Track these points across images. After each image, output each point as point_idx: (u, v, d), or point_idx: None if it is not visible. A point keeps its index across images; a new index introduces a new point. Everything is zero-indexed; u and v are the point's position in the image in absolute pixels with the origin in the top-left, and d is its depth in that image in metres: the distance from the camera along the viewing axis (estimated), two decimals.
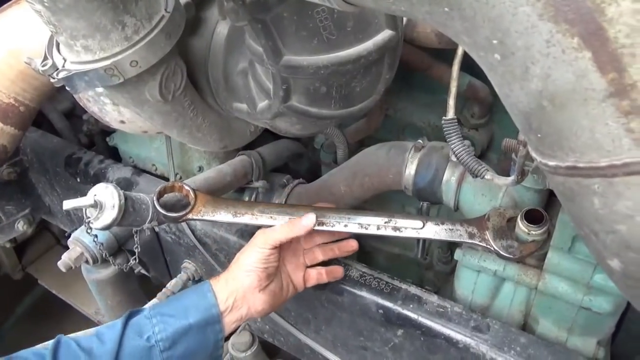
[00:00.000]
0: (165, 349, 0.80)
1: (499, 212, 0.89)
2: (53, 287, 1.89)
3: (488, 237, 0.87)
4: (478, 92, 1.14)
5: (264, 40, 0.70)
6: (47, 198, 1.54)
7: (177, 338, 0.81)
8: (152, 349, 0.79)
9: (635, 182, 0.38)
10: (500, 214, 0.89)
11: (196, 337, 0.82)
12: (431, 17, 0.42)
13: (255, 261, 0.87)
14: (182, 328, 0.81)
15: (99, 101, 1.01)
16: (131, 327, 0.81)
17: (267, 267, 0.88)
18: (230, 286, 0.87)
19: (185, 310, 0.83)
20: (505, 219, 0.88)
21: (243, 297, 0.87)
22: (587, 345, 0.95)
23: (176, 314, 0.83)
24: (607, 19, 0.34)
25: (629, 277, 0.44)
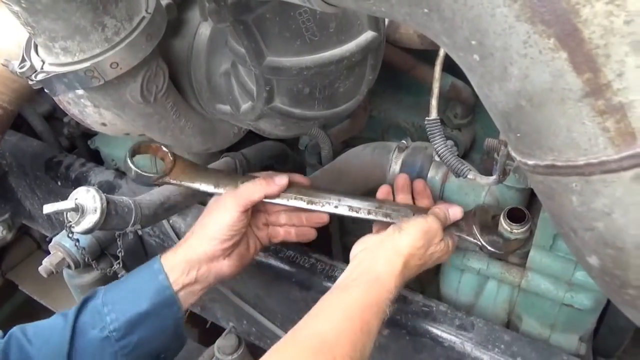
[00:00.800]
0: (121, 338, 0.76)
1: (484, 209, 0.90)
2: (34, 293, 1.86)
3: (475, 232, 0.87)
4: (461, 93, 1.16)
5: (247, 42, 0.70)
6: (27, 202, 1.51)
7: (131, 326, 0.77)
8: (106, 339, 0.76)
9: (611, 180, 0.38)
10: (486, 210, 0.90)
11: (153, 323, 0.78)
12: (411, 18, 0.43)
13: (222, 227, 0.81)
14: (136, 315, 0.77)
15: (80, 103, 1.00)
16: (85, 317, 0.77)
17: (234, 234, 0.82)
18: (191, 257, 0.81)
19: (137, 294, 0.78)
20: (490, 215, 0.89)
21: (208, 268, 0.82)
22: (569, 341, 0.96)
23: (128, 299, 0.78)
24: (582, 20, 0.35)
25: (607, 273, 0.45)
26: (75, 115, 1.07)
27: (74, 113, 1.06)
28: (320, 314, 0.67)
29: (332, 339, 0.63)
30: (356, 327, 0.65)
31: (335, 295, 0.71)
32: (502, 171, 0.73)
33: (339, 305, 0.68)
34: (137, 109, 0.81)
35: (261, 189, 0.84)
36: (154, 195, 0.95)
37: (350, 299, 0.69)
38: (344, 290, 0.71)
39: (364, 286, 0.71)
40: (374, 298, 0.69)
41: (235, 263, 0.85)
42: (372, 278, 0.72)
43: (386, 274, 0.73)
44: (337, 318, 0.66)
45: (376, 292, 0.70)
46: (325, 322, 0.66)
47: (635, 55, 0.35)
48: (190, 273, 0.81)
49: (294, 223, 0.92)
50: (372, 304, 0.69)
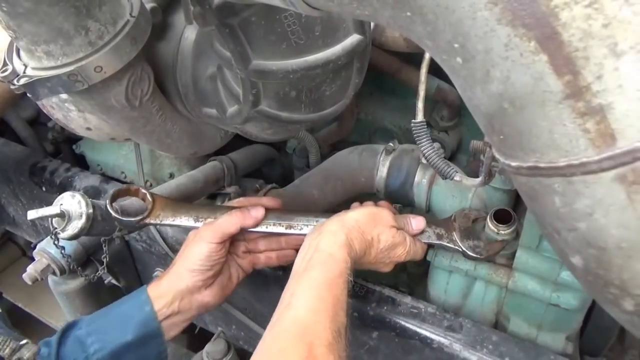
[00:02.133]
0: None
1: (464, 214, 0.91)
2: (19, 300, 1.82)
3: (455, 238, 0.88)
4: (447, 95, 1.17)
5: (232, 45, 0.70)
6: (11, 209, 1.49)
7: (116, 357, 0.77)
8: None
9: (592, 180, 0.39)
10: (466, 215, 0.90)
11: (136, 354, 0.78)
12: (394, 21, 0.43)
13: (201, 258, 0.82)
14: (120, 346, 0.77)
15: (64, 108, 0.99)
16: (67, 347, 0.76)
17: (214, 265, 0.83)
18: (173, 288, 0.82)
19: (123, 324, 0.79)
20: (471, 220, 0.90)
21: (189, 299, 0.82)
22: (556, 340, 0.97)
23: (114, 329, 0.78)
24: (561, 23, 0.35)
25: (590, 273, 0.46)
26: (60, 119, 1.05)
27: (58, 117, 1.05)
28: (292, 302, 0.67)
29: (310, 321, 0.64)
30: (328, 303, 0.66)
31: (297, 280, 0.71)
32: (487, 173, 0.74)
33: (305, 288, 0.69)
34: (122, 113, 0.81)
35: (237, 221, 0.84)
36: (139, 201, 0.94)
37: (314, 280, 0.70)
38: (305, 273, 0.71)
39: (321, 264, 0.72)
40: (334, 272, 0.70)
41: (218, 293, 0.86)
42: (326, 255, 0.73)
43: (337, 248, 0.74)
44: (308, 300, 0.67)
45: (333, 266, 0.71)
46: (299, 308, 0.66)
47: (614, 57, 0.35)
48: (173, 304, 0.81)
49: (273, 248, 0.93)
50: (335, 277, 0.70)
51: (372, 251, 0.81)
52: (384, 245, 0.82)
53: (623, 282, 0.44)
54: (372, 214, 0.83)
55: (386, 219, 0.84)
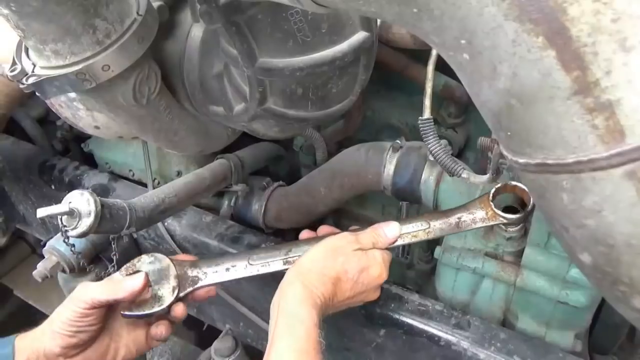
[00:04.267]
0: None
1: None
2: (29, 297, 1.85)
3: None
4: (454, 92, 1.16)
5: (239, 43, 0.70)
6: (21, 206, 1.51)
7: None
8: None
9: (601, 177, 0.39)
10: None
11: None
12: (401, 18, 0.43)
13: (65, 321, 0.72)
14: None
15: (72, 106, 1.00)
16: None
17: (79, 332, 0.73)
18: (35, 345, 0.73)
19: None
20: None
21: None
22: (565, 338, 0.96)
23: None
24: (570, 18, 0.35)
25: (599, 270, 0.45)
26: (68, 118, 1.06)
27: (67, 116, 1.05)
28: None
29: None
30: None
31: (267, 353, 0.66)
32: (495, 170, 0.73)
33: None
34: (129, 111, 0.81)
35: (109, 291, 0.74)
36: (148, 198, 0.95)
37: (284, 352, 0.64)
38: (273, 344, 0.66)
39: (287, 332, 0.66)
40: (301, 338, 0.65)
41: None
42: (289, 320, 0.68)
43: (297, 305, 0.68)
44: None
45: (299, 330, 0.66)
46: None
47: (623, 52, 0.35)
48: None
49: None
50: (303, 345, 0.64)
51: (343, 285, 0.74)
52: (353, 273, 0.74)
53: (632, 279, 0.43)
54: (327, 247, 0.76)
55: (345, 246, 0.76)
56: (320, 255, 0.75)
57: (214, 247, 1.12)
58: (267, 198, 1.19)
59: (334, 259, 0.75)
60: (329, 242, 0.78)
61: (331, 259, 0.75)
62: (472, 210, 0.86)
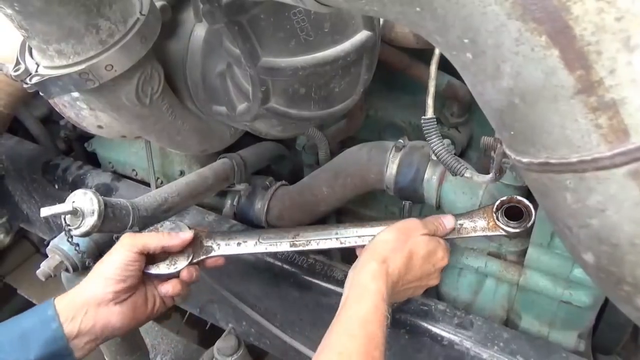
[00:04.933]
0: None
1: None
2: (33, 296, 1.85)
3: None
4: (457, 91, 1.16)
5: (241, 42, 0.70)
6: (24, 206, 1.51)
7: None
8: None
9: (604, 176, 0.39)
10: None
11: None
12: (404, 17, 0.43)
13: (117, 266, 0.77)
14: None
15: (75, 106, 1.00)
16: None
17: (129, 276, 0.78)
18: (79, 299, 0.75)
19: (27, 341, 0.70)
20: None
21: (94, 313, 0.74)
22: (568, 338, 0.96)
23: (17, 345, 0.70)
24: (573, 17, 0.35)
25: (602, 270, 0.45)
26: (72, 118, 1.06)
27: (70, 116, 1.06)
28: (328, 344, 0.66)
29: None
30: (361, 343, 0.65)
31: (336, 321, 0.70)
32: (498, 169, 0.73)
33: (341, 329, 0.68)
34: (132, 111, 0.81)
35: (160, 239, 0.82)
36: (151, 197, 0.95)
37: (349, 319, 0.68)
38: (341, 311, 0.71)
39: (355, 301, 0.71)
40: (368, 308, 0.69)
41: (128, 314, 0.78)
42: (360, 290, 0.72)
43: (369, 279, 0.72)
44: (343, 342, 0.66)
45: (367, 301, 0.70)
46: (334, 350, 0.65)
47: (627, 51, 0.35)
48: (75, 319, 0.73)
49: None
50: (369, 314, 0.68)
51: (413, 264, 0.78)
52: (421, 253, 0.79)
53: (636, 279, 0.43)
54: (399, 229, 0.81)
55: (415, 229, 0.81)
56: (393, 235, 0.80)
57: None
58: (269, 197, 1.19)
59: (405, 238, 0.79)
60: (399, 225, 0.83)
61: (402, 238, 0.79)
62: (474, 218, 0.88)
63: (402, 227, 0.82)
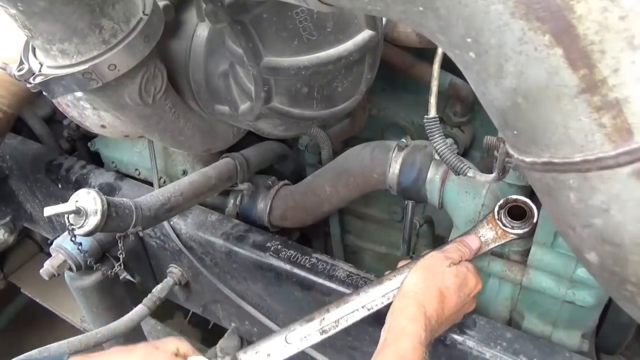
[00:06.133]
0: None
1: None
2: (37, 295, 1.86)
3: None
4: (460, 91, 1.15)
5: (244, 42, 0.70)
6: (28, 205, 1.52)
7: None
8: None
9: (608, 176, 0.38)
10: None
11: None
12: (406, 16, 0.43)
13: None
14: None
15: (79, 106, 1.00)
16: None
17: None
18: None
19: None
20: None
21: None
22: (571, 338, 0.96)
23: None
24: (577, 16, 0.35)
25: (606, 269, 0.45)
26: (75, 117, 1.07)
27: (73, 115, 1.06)
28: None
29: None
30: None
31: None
32: (501, 169, 0.73)
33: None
34: (135, 110, 0.81)
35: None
36: (154, 197, 0.95)
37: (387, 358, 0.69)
38: (380, 352, 0.71)
39: (392, 343, 0.71)
40: (407, 349, 0.69)
41: None
42: (397, 332, 0.72)
43: (406, 322, 0.73)
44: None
45: (405, 344, 0.70)
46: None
47: (631, 50, 0.35)
48: None
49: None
50: (408, 354, 0.68)
51: (447, 301, 0.78)
52: (453, 287, 0.79)
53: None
54: (424, 268, 0.81)
55: (440, 264, 0.81)
56: (420, 277, 0.79)
57: (220, 245, 1.13)
58: (272, 197, 1.19)
59: (432, 277, 0.79)
60: (422, 264, 0.82)
61: (430, 278, 0.78)
62: (481, 232, 0.88)
63: (425, 265, 0.81)
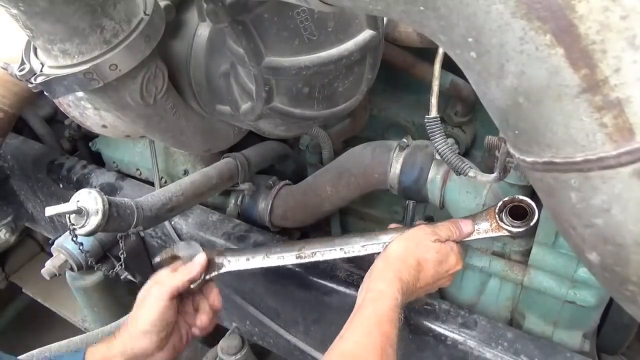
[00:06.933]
0: None
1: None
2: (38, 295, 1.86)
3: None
4: (461, 91, 1.15)
5: (245, 42, 0.70)
6: (29, 205, 1.52)
7: None
8: None
9: (609, 176, 0.38)
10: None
11: None
12: (407, 16, 0.43)
13: (153, 319, 0.79)
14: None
15: (80, 106, 1.00)
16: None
17: (166, 324, 0.80)
18: (127, 351, 0.79)
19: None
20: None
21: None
22: (572, 338, 0.96)
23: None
24: (578, 15, 0.35)
25: (607, 269, 0.45)
26: (76, 117, 1.07)
27: (75, 115, 1.06)
28: (344, 336, 0.71)
29: (359, 353, 0.68)
30: (376, 339, 0.69)
31: (351, 318, 0.75)
32: (502, 169, 0.73)
33: (357, 325, 0.72)
34: (137, 110, 0.81)
35: (183, 276, 0.84)
36: (155, 197, 0.95)
37: (364, 317, 0.73)
38: (358, 311, 0.75)
39: (372, 302, 0.75)
40: (383, 309, 0.73)
41: (169, 353, 0.83)
42: (375, 294, 0.76)
43: (385, 285, 0.77)
44: (358, 335, 0.71)
45: (383, 303, 0.74)
46: (349, 341, 0.70)
47: (632, 50, 0.35)
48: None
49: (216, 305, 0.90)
50: (384, 314, 0.72)
51: (424, 273, 0.81)
52: (432, 262, 0.82)
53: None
54: (409, 238, 0.84)
55: (425, 236, 0.84)
56: (403, 246, 0.83)
57: (221, 245, 1.13)
58: (273, 197, 1.19)
59: (415, 248, 0.82)
60: (409, 234, 0.85)
61: (412, 248, 0.82)
62: (477, 221, 0.88)
63: (411, 236, 0.84)
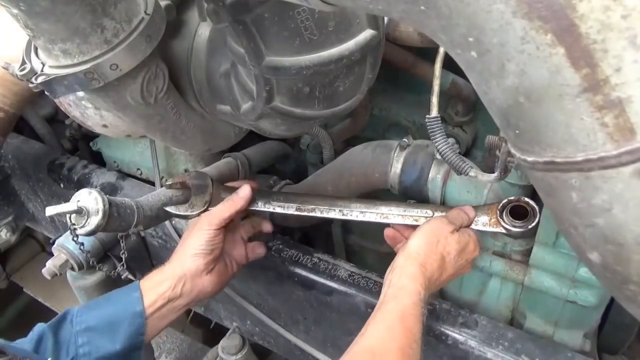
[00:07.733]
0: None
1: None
2: (39, 295, 1.87)
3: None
4: (461, 90, 1.15)
5: (246, 42, 0.70)
6: (30, 205, 1.52)
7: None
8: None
9: (610, 175, 0.38)
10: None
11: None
12: (408, 16, 0.43)
13: (201, 244, 0.89)
14: (107, 355, 0.81)
15: (81, 105, 1.00)
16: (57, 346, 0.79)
17: (213, 249, 0.90)
18: (177, 272, 0.88)
19: (113, 331, 0.81)
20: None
21: (191, 283, 0.88)
22: (573, 338, 0.96)
23: (103, 335, 0.81)
24: (579, 15, 0.34)
25: (608, 269, 0.45)
26: (77, 117, 1.07)
27: (75, 115, 1.06)
28: (366, 333, 0.71)
29: (380, 349, 0.68)
30: (399, 334, 0.70)
31: (374, 314, 0.75)
32: (503, 168, 0.73)
33: (379, 320, 0.73)
34: (137, 110, 0.81)
35: (230, 207, 0.93)
36: (155, 197, 0.95)
37: (387, 313, 0.73)
38: (380, 307, 0.75)
39: (394, 298, 0.75)
40: (405, 304, 0.74)
41: (216, 279, 0.92)
42: (398, 289, 0.76)
43: (407, 280, 0.77)
44: (380, 331, 0.71)
45: (405, 298, 0.74)
46: (371, 337, 0.70)
47: (633, 49, 0.35)
48: (176, 288, 0.87)
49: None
50: (407, 309, 0.73)
51: (447, 265, 0.82)
52: (454, 253, 0.83)
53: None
54: (428, 232, 0.84)
55: (443, 228, 0.84)
56: (424, 240, 0.83)
57: None
58: None
59: (435, 241, 0.83)
60: (427, 228, 0.85)
61: (433, 241, 0.83)
62: (478, 212, 0.89)
63: (430, 230, 0.85)
